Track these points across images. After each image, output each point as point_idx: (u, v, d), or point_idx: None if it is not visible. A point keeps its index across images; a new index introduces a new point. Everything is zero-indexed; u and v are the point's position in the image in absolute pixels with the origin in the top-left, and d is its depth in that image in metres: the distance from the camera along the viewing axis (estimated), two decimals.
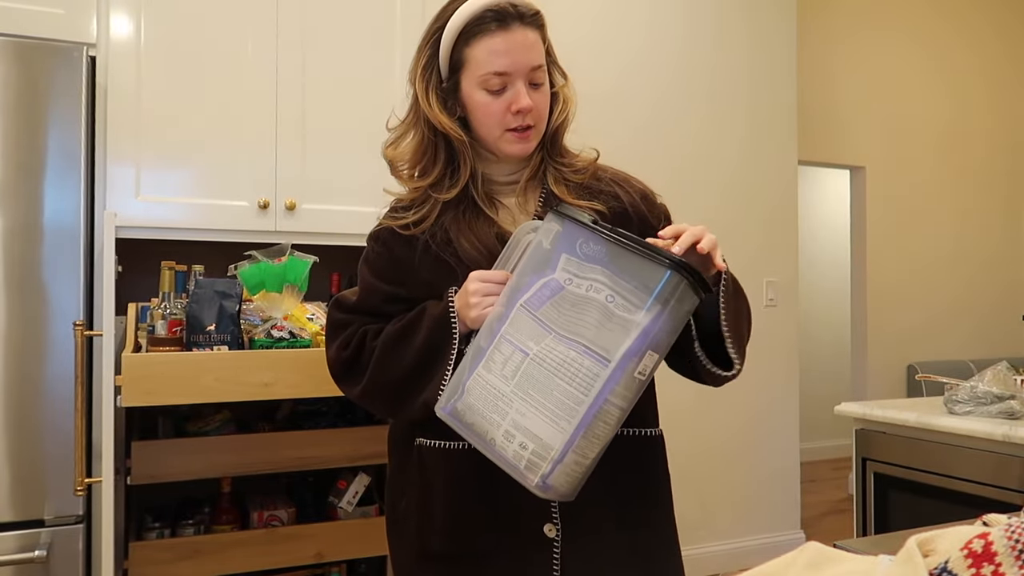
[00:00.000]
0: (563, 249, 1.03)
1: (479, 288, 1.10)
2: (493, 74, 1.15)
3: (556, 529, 1.13)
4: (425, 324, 1.14)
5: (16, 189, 1.85)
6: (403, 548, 1.24)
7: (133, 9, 2.07)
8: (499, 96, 1.16)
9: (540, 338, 1.01)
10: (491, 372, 1.02)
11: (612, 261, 1.00)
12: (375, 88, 2.31)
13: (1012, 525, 0.54)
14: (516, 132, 1.18)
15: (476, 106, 1.18)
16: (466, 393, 1.04)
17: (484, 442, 1.02)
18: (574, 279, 1.01)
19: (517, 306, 1.03)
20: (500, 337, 1.03)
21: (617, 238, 1.00)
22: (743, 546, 3.50)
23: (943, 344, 4.86)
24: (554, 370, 0.99)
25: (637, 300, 0.99)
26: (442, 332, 1.13)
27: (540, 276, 1.03)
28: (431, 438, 1.18)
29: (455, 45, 1.18)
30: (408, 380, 1.15)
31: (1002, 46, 5.11)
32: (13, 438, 1.83)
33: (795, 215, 3.72)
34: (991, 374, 1.93)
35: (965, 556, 0.53)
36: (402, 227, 1.21)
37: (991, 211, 5.10)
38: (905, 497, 1.99)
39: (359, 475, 2.17)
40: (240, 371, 1.79)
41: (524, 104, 1.15)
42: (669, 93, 3.43)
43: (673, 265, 0.98)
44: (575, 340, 0.99)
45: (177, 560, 1.92)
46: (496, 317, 1.05)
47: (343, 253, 2.33)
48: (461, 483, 1.16)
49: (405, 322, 1.17)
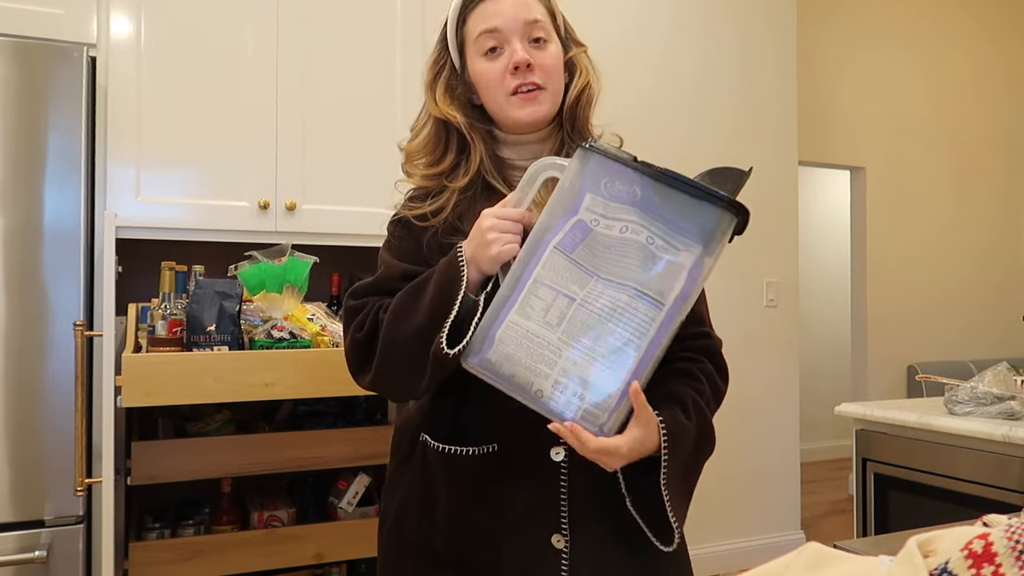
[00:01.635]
0: (587, 189, 0.97)
1: (494, 224, 1.01)
2: (485, 32, 1.12)
3: (565, 540, 1.08)
4: (433, 280, 1.05)
5: (16, 189, 1.85)
6: (395, 549, 1.18)
7: (133, 9, 2.07)
8: (497, 59, 1.12)
9: (583, 282, 0.96)
10: (530, 319, 0.96)
11: (646, 200, 0.95)
12: (376, 88, 2.31)
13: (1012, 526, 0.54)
14: (521, 94, 1.12)
15: (479, 77, 1.14)
16: (498, 342, 0.97)
17: (528, 394, 0.97)
18: (601, 220, 0.96)
19: (550, 248, 0.97)
20: (534, 281, 0.97)
21: (664, 174, 0.94)
22: (743, 546, 3.50)
23: (943, 344, 4.86)
24: (607, 315, 0.95)
25: (679, 242, 0.95)
26: (451, 282, 1.02)
27: (567, 217, 0.97)
28: (438, 441, 1.13)
29: (457, 29, 1.16)
30: (420, 343, 1.03)
31: (995, 51, 5.13)
32: (13, 438, 1.83)
33: (795, 215, 3.72)
34: (991, 375, 1.93)
35: (965, 557, 0.53)
36: (419, 217, 1.16)
37: (991, 211, 5.11)
38: (905, 498, 1.99)
39: (359, 475, 2.17)
40: (240, 371, 1.79)
41: (520, 57, 1.10)
42: (669, 94, 3.43)
43: (726, 204, 0.94)
44: (624, 284, 0.95)
45: (177, 560, 1.92)
46: (519, 260, 0.99)
47: (343, 253, 2.34)
48: (467, 488, 1.11)
49: (414, 284, 1.08)
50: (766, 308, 3.64)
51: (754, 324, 3.58)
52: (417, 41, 2.35)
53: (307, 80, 2.23)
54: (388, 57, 2.33)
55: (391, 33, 2.33)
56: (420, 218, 1.16)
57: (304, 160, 2.22)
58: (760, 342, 3.60)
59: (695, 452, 1.06)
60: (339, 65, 2.27)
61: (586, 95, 1.20)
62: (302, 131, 2.22)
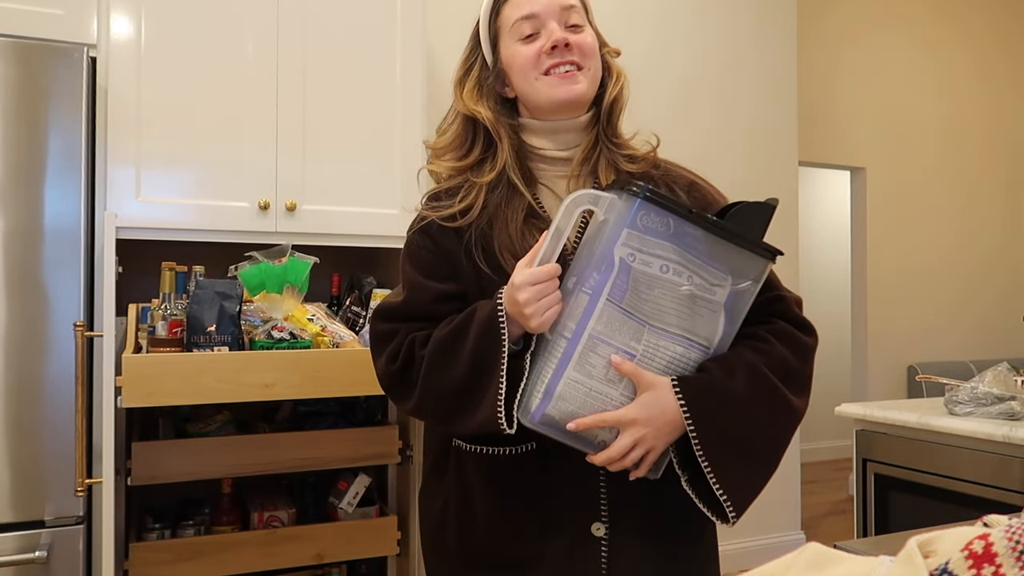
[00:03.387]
0: (625, 224, 0.97)
1: (529, 297, 0.98)
2: (522, 19, 1.12)
3: (605, 528, 1.09)
4: (473, 331, 1.03)
5: (16, 190, 1.85)
6: (440, 556, 1.19)
7: (133, 9, 2.07)
8: (533, 42, 1.12)
9: (639, 334, 0.98)
10: (592, 377, 0.99)
11: (679, 234, 0.98)
12: (376, 89, 2.31)
13: (1012, 526, 0.54)
14: (558, 74, 1.11)
15: (512, 60, 1.14)
16: (559, 399, 0.99)
17: (592, 444, 1.02)
18: (638, 255, 0.97)
19: (603, 300, 0.97)
20: (590, 337, 0.98)
21: (715, 226, 0.98)
22: (743, 546, 3.50)
23: (943, 345, 4.86)
24: (664, 368, 1.01)
25: (715, 279, 0.99)
26: (491, 342, 1.01)
27: (608, 259, 0.97)
28: (470, 442, 1.13)
29: (490, 22, 1.16)
30: (460, 393, 1.05)
31: (1000, 48, 5.12)
32: (14, 439, 1.83)
33: (795, 215, 3.72)
34: (991, 375, 1.93)
35: (965, 557, 0.53)
36: (447, 218, 1.13)
37: (991, 211, 5.10)
38: (906, 498, 1.99)
39: (359, 476, 2.17)
40: (240, 372, 1.79)
41: (558, 36, 1.10)
42: (669, 95, 3.43)
43: (772, 256, 1.02)
44: (678, 334, 1.00)
45: (177, 561, 1.92)
46: (566, 313, 0.99)
47: (344, 254, 2.34)
48: (504, 487, 1.11)
49: (453, 328, 1.06)
50: None
51: None
52: (417, 42, 2.35)
53: (307, 80, 2.23)
54: (388, 57, 2.33)
55: (391, 33, 2.33)
56: (448, 219, 1.13)
57: (304, 160, 2.22)
58: None
59: (748, 412, 1.03)
60: (339, 65, 2.27)
61: (622, 98, 1.20)
62: (302, 131, 2.22)
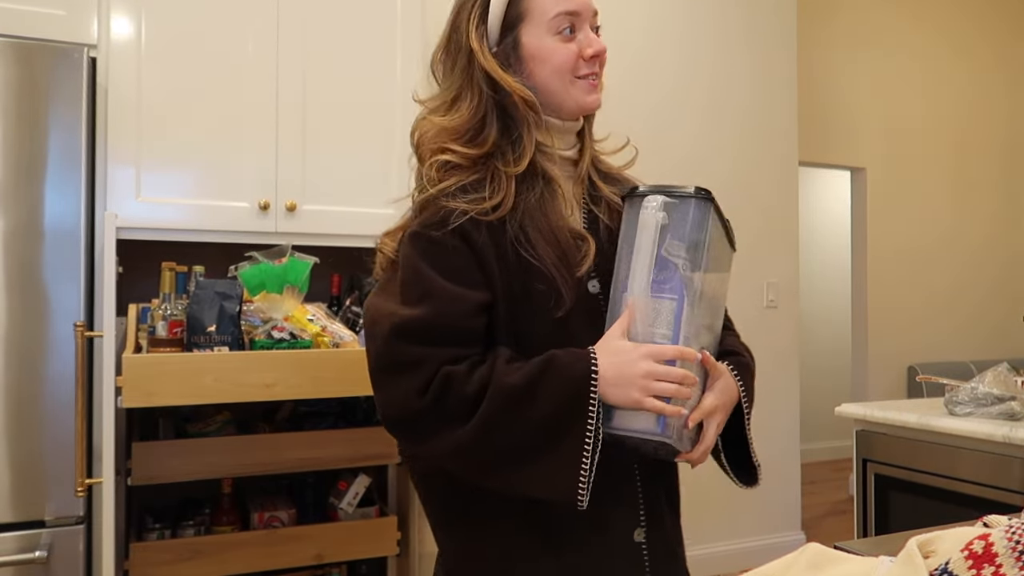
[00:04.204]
0: (687, 227, 1.01)
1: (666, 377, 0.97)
2: (565, 14, 1.08)
3: (643, 532, 1.09)
4: (552, 397, 0.95)
5: (17, 190, 1.85)
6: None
7: (133, 10, 2.07)
8: (570, 41, 1.09)
9: (702, 328, 1.08)
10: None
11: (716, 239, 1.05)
12: (376, 88, 2.31)
13: (1012, 526, 0.54)
14: (591, 81, 1.10)
15: (545, 55, 1.08)
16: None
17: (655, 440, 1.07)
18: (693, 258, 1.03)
19: (687, 303, 1.01)
20: (684, 339, 1.02)
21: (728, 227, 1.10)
22: (743, 547, 3.50)
23: (943, 345, 4.86)
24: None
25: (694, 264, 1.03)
26: (576, 424, 0.95)
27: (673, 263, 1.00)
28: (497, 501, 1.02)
29: (510, 2, 1.09)
30: (527, 452, 0.96)
31: (995, 51, 5.13)
32: (14, 439, 1.83)
33: (795, 216, 3.72)
34: (991, 375, 1.93)
35: (966, 557, 0.54)
36: (482, 213, 1.02)
37: (992, 212, 5.10)
38: (906, 498, 1.99)
39: (360, 476, 2.18)
40: (241, 372, 1.79)
41: (599, 47, 1.09)
42: (670, 95, 3.43)
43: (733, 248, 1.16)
44: (711, 325, 1.15)
45: (177, 561, 1.92)
46: (656, 323, 1.00)
47: (344, 254, 2.33)
48: (548, 531, 1.04)
49: (524, 381, 0.95)
50: (766, 309, 3.64)
51: (754, 325, 3.58)
52: (417, 41, 2.35)
53: (307, 80, 2.23)
54: (388, 57, 2.33)
55: (391, 33, 2.33)
56: (482, 213, 1.02)
57: (304, 160, 2.22)
58: (760, 343, 3.58)
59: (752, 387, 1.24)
60: (339, 65, 2.27)
61: None
62: (302, 131, 2.22)
